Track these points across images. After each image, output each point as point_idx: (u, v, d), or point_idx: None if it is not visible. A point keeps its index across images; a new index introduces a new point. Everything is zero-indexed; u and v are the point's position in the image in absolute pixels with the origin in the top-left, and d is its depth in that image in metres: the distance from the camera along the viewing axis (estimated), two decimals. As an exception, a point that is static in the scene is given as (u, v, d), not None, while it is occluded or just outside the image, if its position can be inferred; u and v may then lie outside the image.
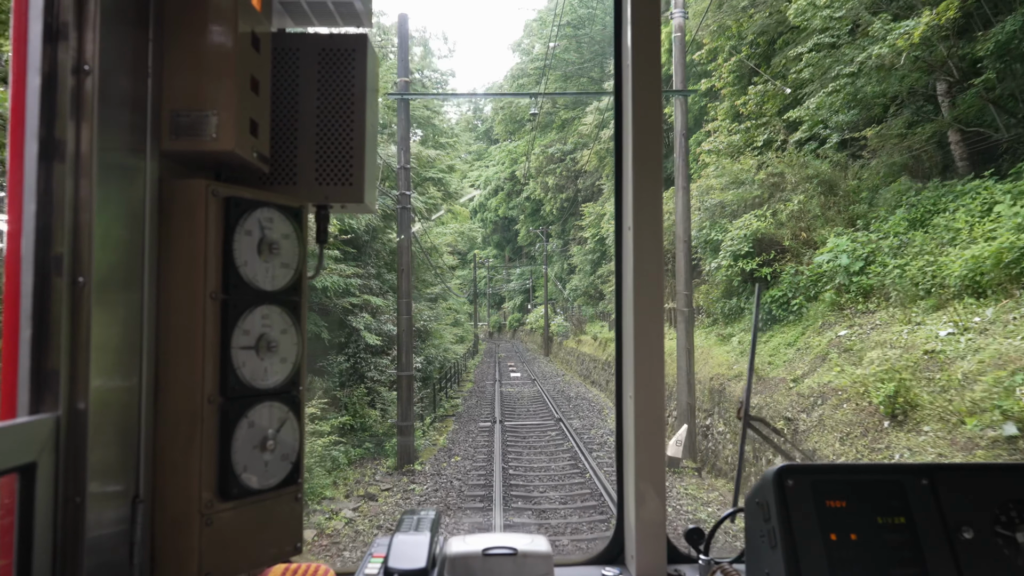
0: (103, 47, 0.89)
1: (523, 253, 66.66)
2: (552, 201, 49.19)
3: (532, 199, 54.85)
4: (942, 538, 1.05)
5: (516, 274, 67.58)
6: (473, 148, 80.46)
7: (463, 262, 64.84)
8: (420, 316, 20.21)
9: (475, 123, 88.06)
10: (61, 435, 0.85)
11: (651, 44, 1.48)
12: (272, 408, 1.06)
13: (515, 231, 65.47)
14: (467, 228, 44.34)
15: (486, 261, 72.62)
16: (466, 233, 42.81)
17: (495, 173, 64.86)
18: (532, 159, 50.52)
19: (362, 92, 1.20)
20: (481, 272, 74.91)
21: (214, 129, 0.98)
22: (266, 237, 1.06)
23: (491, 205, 66.46)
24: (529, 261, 64.92)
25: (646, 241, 1.45)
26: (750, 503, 1.16)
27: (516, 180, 59.75)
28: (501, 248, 73.55)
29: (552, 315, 43.85)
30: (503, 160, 62.91)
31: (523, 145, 56.20)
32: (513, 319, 65.85)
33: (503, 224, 68.84)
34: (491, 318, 75.56)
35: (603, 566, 1.49)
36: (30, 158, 0.86)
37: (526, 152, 53.17)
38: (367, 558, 1.23)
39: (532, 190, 53.24)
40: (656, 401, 1.44)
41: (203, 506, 0.97)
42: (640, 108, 1.47)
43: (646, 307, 1.45)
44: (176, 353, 0.98)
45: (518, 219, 63.39)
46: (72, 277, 0.87)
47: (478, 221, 65.85)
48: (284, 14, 1.26)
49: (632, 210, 1.46)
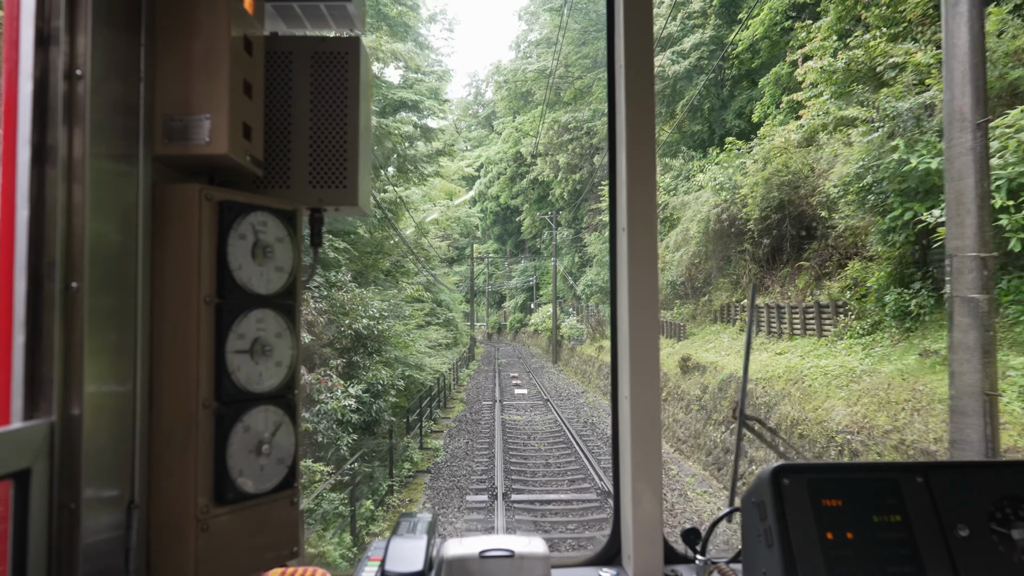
0: (95, 52, 0.88)
1: (526, 248, 61.17)
2: (563, 183, 43.26)
3: (539, 182, 48.88)
4: (937, 536, 1.05)
5: (519, 270, 61.58)
6: (473, 135, 74.83)
7: (460, 255, 57.34)
8: (361, 311, 13.04)
9: (475, 108, 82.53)
10: (55, 441, 0.85)
11: (643, 41, 1.48)
12: (267, 412, 1.06)
13: (518, 223, 59.60)
14: (464, 213, 38.62)
15: (486, 256, 67.91)
16: (463, 219, 37.39)
17: (497, 154, 58.74)
18: (542, 134, 44.00)
19: (355, 95, 1.20)
20: (479, 268, 69.09)
21: (207, 133, 0.98)
22: (260, 241, 1.06)
23: (492, 193, 60.88)
24: (533, 256, 58.94)
25: (640, 242, 1.46)
26: (746, 502, 1.16)
27: (521, 161, 53.53)
28: (502, 241, 67.64)
29: (562, 316, 38.15)
30: (508, 138, 56.45)
31: (530, 121, 50.24)
32: (515, 319, 60.28)
33: (504, 216, 63.30)
34: (490, 318, 70.40)
35: (600, 567, 1.50)
36: (22, 164, 0.85)
37: (535, 127, 46.76)
38: (364, 561, 1.23)
39: (540, 171, 46.88)
40: (652, 402, 1.45)
41: (199, 511, 0.97)
42: (633, 110, 1.47)
43: (641, 308, 1.46)
44: (171, 358, 0.98)
45: (521, 209, 57.16)
46: (65, 283, 0.86)
47: (477, 211, 60.24)
48: (277, 17, 1.26)
49: (626, 211, 1.46)
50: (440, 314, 27.34)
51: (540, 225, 51.60)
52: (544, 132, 44.12)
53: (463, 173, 53.95)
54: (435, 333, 22.06)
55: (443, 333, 24.54)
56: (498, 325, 68.28)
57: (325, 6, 1.22)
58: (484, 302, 71.53)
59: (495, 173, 59.76)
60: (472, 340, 38.54)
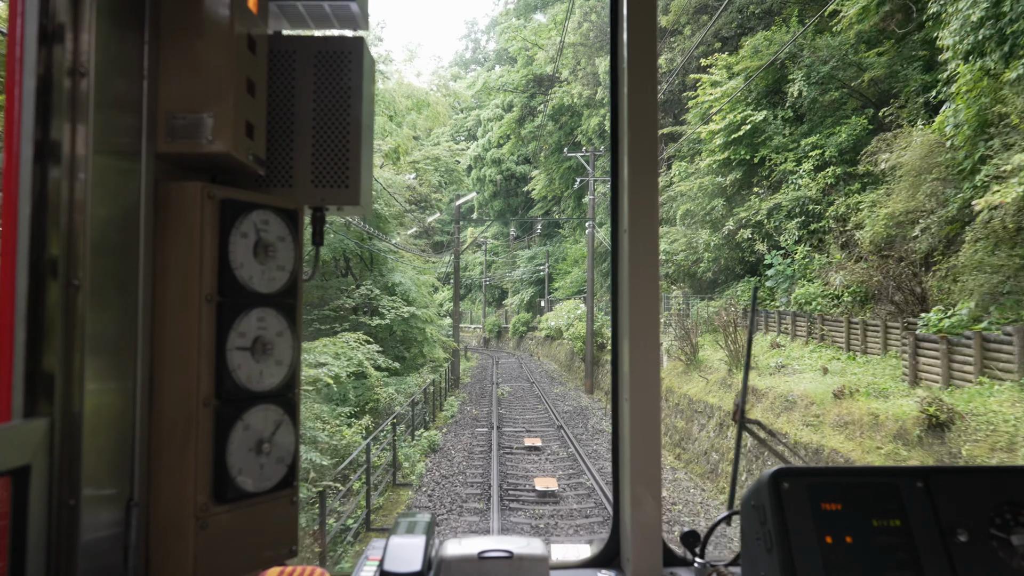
0: (99, 49, 0.89)
1: (535, 229, 44.52)
2: (601, 110, 28.01)
3: (564, 111, 34.15)
4: (937, 541, 1.05)
5: (525, 257, 46.44)
6: (468, 85, 55.56)
7: (445, 237, 39.66)
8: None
9: (472, 67, 67.11)
10: (55, 438, 0.85)
11: (647, 46, 1.49)
12: (268, 411, 1.06)
13: (525, 196, 44.06)
14: (445, 151, 27.54)
15: (484, 242, 51.99)
16: (444, 160, 26.22)
17: (499, 78, 43.49)
18: (569, 30, 29.07)
19: (358, 95, 1.20)
20: (477, 257, 53.96)
21: (210, 131, 0.98)
22: (262, 239, 1.06)
23: (490, 158, 46.32)
24: (545, 239, 44.33)
25: (642, 244, 1.46)
26: (746, 506, 1.16)
27: (541, 85, 37.27)
28: (503, 220, 50.96)
29: (599, 314, 24.53)
30: (517, 55, 41.16)
31: (547, 29, 36.56)
32: (519, 321, 45.80)
33: (508, 188, 48.29)
34: (488, 319, 55.14)
35: (599, 569, 1.50)
36: (25, 160, 0.85)
37: (553, 32, 32.49)
38: (363, 561, 1.23)
39: (563, 96, 32.69)
40: (652, 404, 1.45)
41: (198, 509, 0.97)
42: (636, 112, 1.48)
43: (642, 310, 1.46)
44: (171, 356, 0.98)
45: (530, 175, 42.30)
46: (67, 279, 0.86)
47: (473, 179, 47.39)
48: (280, 17, 1.26)
49: (628, 213, 1.47)
50: (386, 308, 17.42)
51: (563, 182, 36.01)
52: (574, 29, 29.24)
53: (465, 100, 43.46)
54: (356, 349, 13.64)
55: (397, 349, 16.06)
56: (497, 328, 52.92)
57: (329, 6, 1.22)
58: (481, 299, 56.86)
59: (499, 109, 43.69)
60: (455, 355, 24.57)
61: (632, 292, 1.46)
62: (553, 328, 32.35)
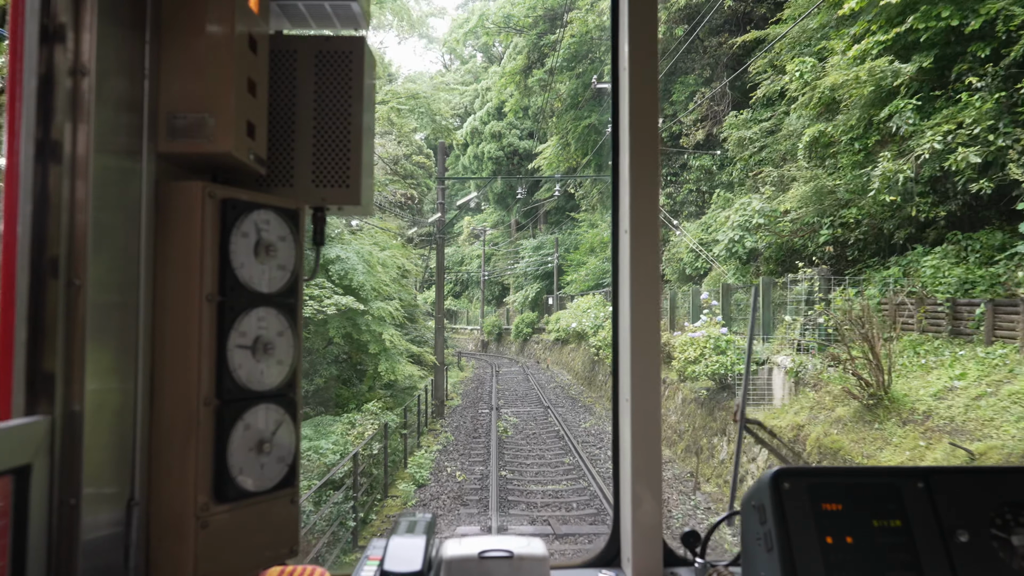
0: (100, 49, 0.89)
1: (541, 214, 38.90)
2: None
3: (583, 50, 26.47)
4: (938, 541, 1.05)
5: (529, 247, 39.45)
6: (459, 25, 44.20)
7: (421, 218, 29.91)
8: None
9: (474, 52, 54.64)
10: (56, 437, 0.85)
11: (648, 46, 1.49)
12: (268, 410, 1.06)
13: (531, 176, 36.58)
14: (429, 88, 22.05)
15: (482, 232, 46.23)
16: (425, 99, 20.30)
17: (507, 40, 34.96)
18: None
19: (359, 94, 1.20)
20: (475, 250, 48.00)
21: (211, 131, 0.98)
22: (263, 239, 1.06)
23: (489, 131, 39.55)
24: (553, 226, 38.52)
25: (643, 244, 1.46)
26: (746, 506, 1.16)
27: (555, 22, 29.37)
28: (504, 205, 44.46)
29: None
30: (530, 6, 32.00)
31: None
32: (523, 322, 38.35)
33: (509, 166, 41.11)
34: (487, 319, 47.40)
35: (599, 569, 1.50)
36: (26, 160, 0.85)
37: None
38: (363, 561, 1.23)
39: (582, 26, 25.54)
40: (653, 404, 1.45)
41: (199, 509, 0.97)
42: (637, 111, 1.48)
43: (643, 310, 1.46)
44: (172, 355, 0.98)
45: (535, 150, 34.95)
46: (68, 279, 0.86)
47: (470, 157, 41.11)
48: (281, 16, 1.26)
49: (629, 213, 1.47)
50: (311, 299, 11.68)
51: (580, 147, 28.29)
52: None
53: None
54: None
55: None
56: (498, 330, 45.27)
57: (330, 5, 1.22)
58: (479, 297, 49.32)
59: (508, 51, 34.82)
60: (439, 373, 18.35)
61: (633, 292, 1.46)
62: (566, 330, 25.80)
